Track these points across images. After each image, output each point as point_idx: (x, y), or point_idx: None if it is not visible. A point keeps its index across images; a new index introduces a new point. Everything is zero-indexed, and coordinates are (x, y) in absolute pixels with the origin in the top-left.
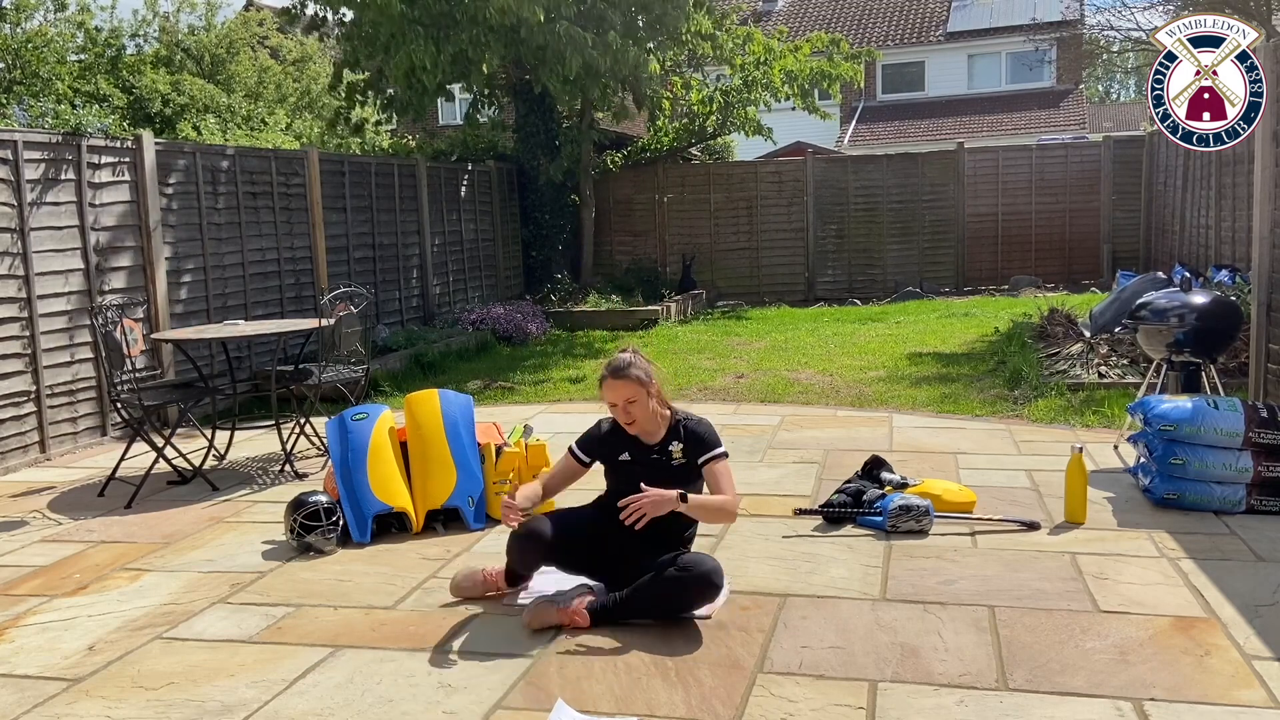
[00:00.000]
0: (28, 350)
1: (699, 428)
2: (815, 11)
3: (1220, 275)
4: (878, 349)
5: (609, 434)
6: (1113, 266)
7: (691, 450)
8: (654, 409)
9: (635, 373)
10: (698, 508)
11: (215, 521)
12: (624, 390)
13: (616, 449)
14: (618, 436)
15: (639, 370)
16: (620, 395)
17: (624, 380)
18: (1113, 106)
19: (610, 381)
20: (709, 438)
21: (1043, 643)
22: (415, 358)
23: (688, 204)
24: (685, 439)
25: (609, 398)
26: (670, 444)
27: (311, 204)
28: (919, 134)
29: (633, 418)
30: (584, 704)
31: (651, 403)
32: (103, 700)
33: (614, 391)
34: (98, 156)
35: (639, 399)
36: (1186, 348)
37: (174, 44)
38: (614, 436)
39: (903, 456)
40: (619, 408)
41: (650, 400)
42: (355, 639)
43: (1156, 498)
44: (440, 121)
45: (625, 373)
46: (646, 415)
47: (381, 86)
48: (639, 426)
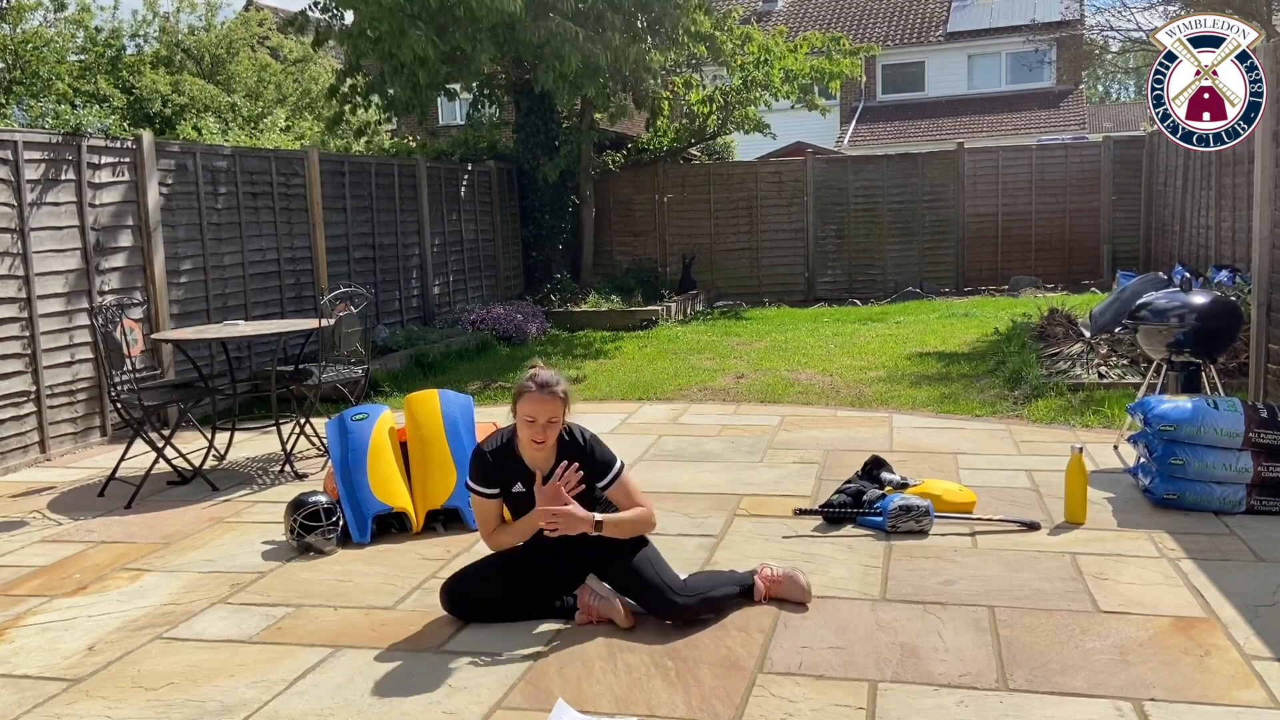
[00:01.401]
0: (28, 350)
1: (586, 446)
2: (815, 11)
3: (1220, 275)
4: (878, 349)
5: (496, 462)
6: (1113, 267)
7: (587, 474)
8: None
9: (562, 389)
10: (614, 527)
11: (215, 522)
12: (549, 408)
13: (508, 479)
14: (506, 465)
15: (565, 388)
16: (545, 412)
17: (550, 397)
18: (1113, 107)
19: (538, 396)
20: (601, 455)
21: (1043, 643)
22: (415, 358)
23: (688, 204)
24: (581, 460)
25: (530, 412)
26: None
27: (311, 204)
28: (919, 134)
29: (545, 438)
30: (584, 704)
31: (560, 429)
32: (103, 700)
33: (538, 406)
34: (98, 157)
35: (558, 420)
36: (1186, 348)
37: (174, 44)
38: (502, 465)
39: (903, 457)
40: (537, 424)
41: (561, 426)
42: (355, 639)
43: (1156, 498)
44: (441, 121)
45: (555, 390)
46: (555, 439)
47: (383, 88)
48: (542, 450)
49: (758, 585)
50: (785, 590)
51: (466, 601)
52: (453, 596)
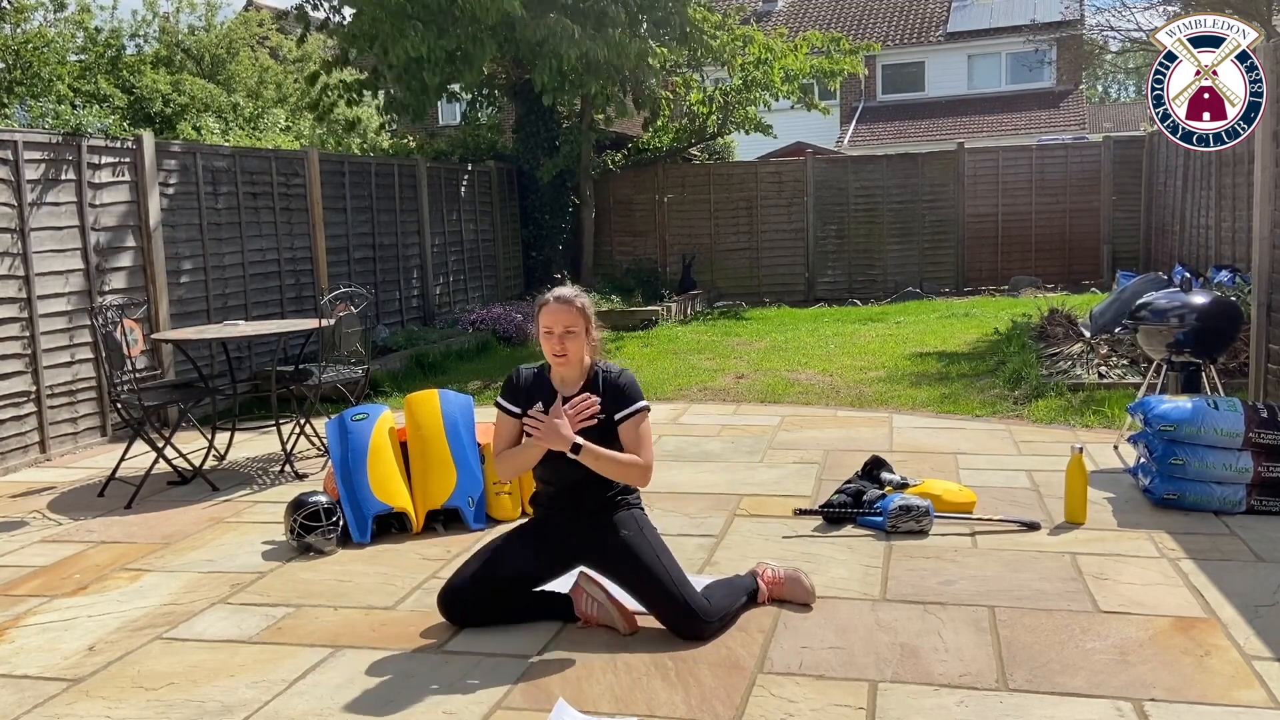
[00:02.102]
0: (28, 350)
1: (619, 379)
2: (815, 12)
3: (1220, 276)
4: (878, 349)
5: (527, 385)
6: (1113, 267)
7: (609, 404)
8: (585, 354)
9: (580, 302)
10: (595, 457)
11: (215, 522)
12: (565, 317)
13: (532, 398)
14: (536, 385)
15: (584, 302)
16: (561, 322)
17: (566, 307)
18: (1112, 107)
19: (552, 306)
20: (629, 390)
21: (1043, 643)
22: (415, 358)
23: (688, 204)
24: (603, 391)
25: (546, 322)
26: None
27: (312, 204)
28: (919, 134)
29: (565, 350)
30: (584, 704)
31: (585, 344)
32: (103, 701)
33: (553, 317)
34: (98, 157)
35: (577, 331)
36: (1186, 348)
37: (174, 44)
38: (532, 385)
39: (903, 457)
40: (554, 336)
41: (584, 341)
42: (355, 639)
43: (1156, 498)
44: (440, 122)
45: (571, 300)
46: (578, 354)
47: (379, 86)
48: (566, 364)
49: (761, 589)
50: (788, 591)
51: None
52: (450, 605)
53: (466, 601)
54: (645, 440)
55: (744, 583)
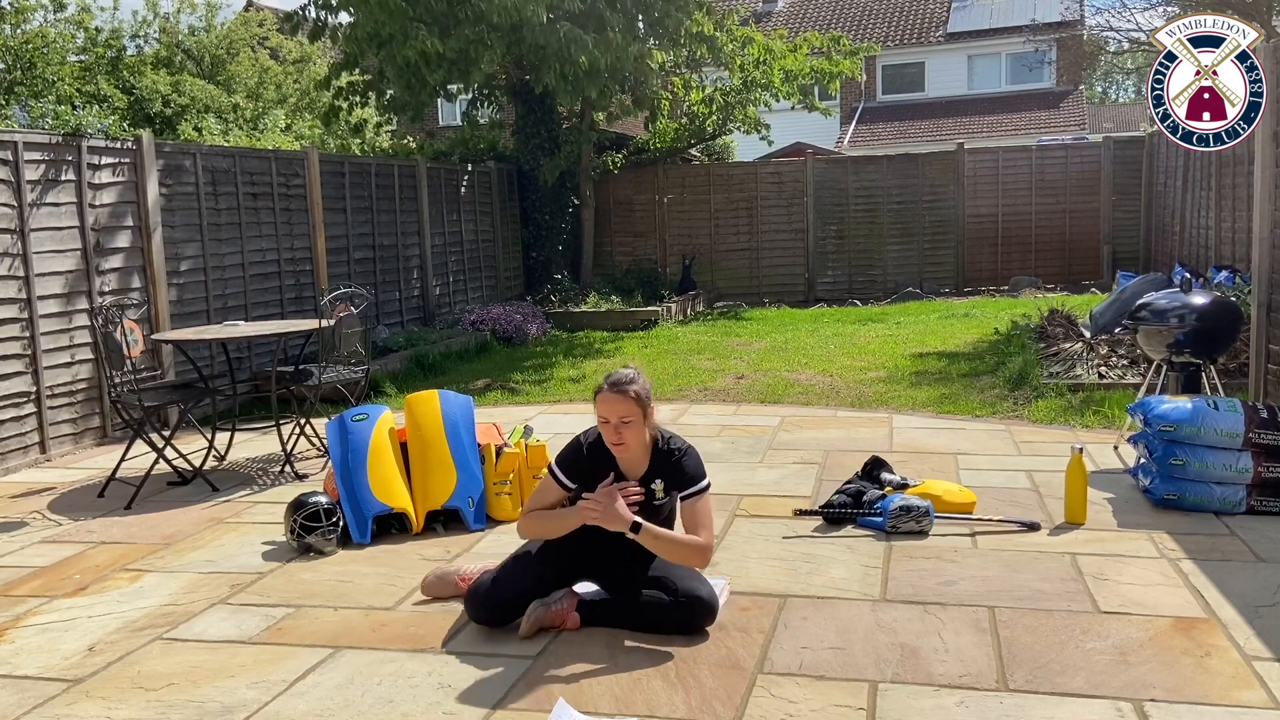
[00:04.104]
0: (28, 351)
1: (686, 461)
2: (815, 12)
3: (1220, 276)
4: (878, 349)
5: (590, 456)
6: (1113, 267)
7: (674, 483)
8: (646, 438)
9: (636, 390)
10: (656, 539)
11: (215, 522)
12: (621, 407)
13: (597, 476)
14: (599, 461)
15: (640, 389)
16: (616, 412)
17: (623, 397)
18: (1112, 107)
19: (608, 395)
20: (694, 472)
21: (1043, 643)
22: (415, 358)
23: (688, 204)
24: (669, 473)
25: (603, 412)
26: (654, 480)
27: (312, 205)
28: (919, 134)
29: (623, 439)
30: (584, 704)
31: (644, 430)
32: (103, 701)
33: (609, 407)
34: (98, 157)
35: (634, 420)
36: (1186, 348)
37: (174, 45)
38: (595, 461)
39: (903, 457)
40: (610, 425)
41: (644, 427)
42: (355, 640)
43: (1157, 498)
44: (440, 122)
45: (625, 389)
46: (638, 441)
47: (382, 87)
48: (626, 451)
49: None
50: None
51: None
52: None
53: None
54: (705, 519)
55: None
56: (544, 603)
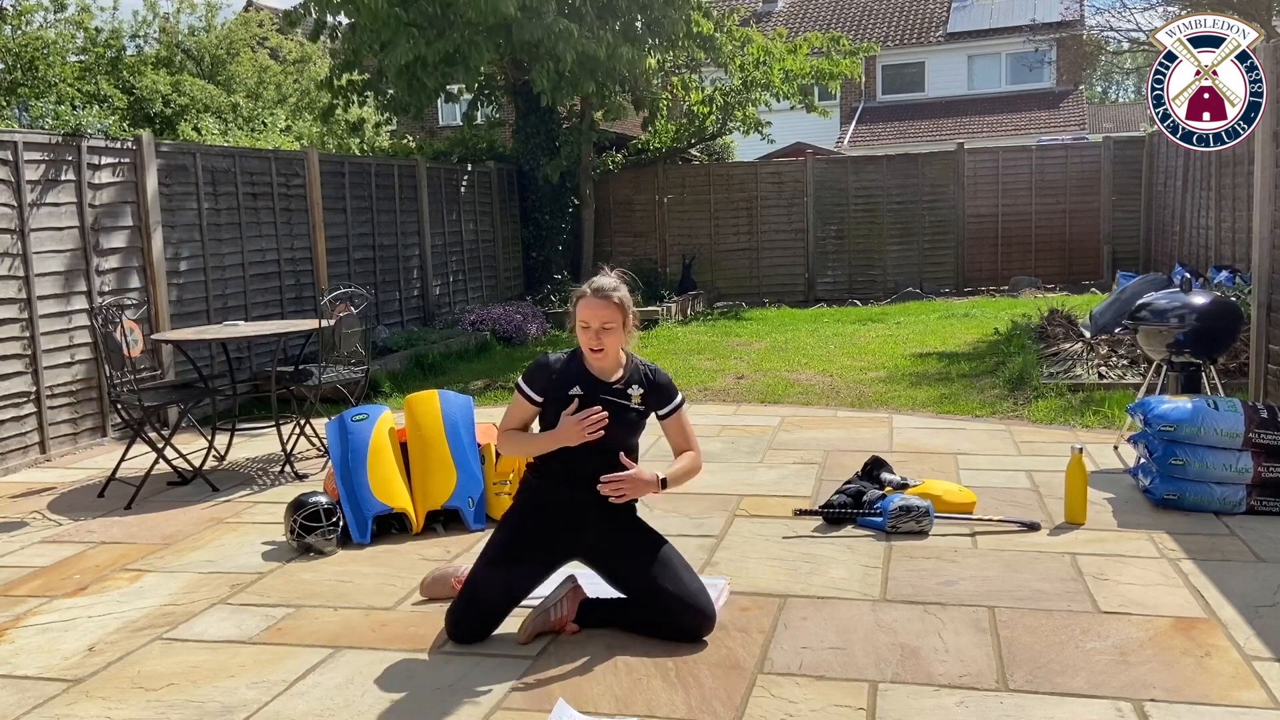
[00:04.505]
0: (28, 351)
1: (658, 376)
2: (815, 12)
3: (1220, 276)
4: (878, 349)
5: (559, 371)
6: (1113, 267)
7: (652, 399)
8: (621, 347)
9: (620, 296)
10: (675, 481)
11: (215, 522)
12: (604, 313)
13: (566, 383)
14: (570, 370)
15: (623, 295)
16: (599, 317)
17: (606, 302)
18: (1112, 107)
19: (591, 300)
20: (669, 387)
21: (1043, 643)
22: (415, 358)
23: (688, 204)
24: (646, 385)
25: (584, 317)
26: (630, 386)
27: (312, 205)
28: (919, 134)
29: (603, 345)
30: (584, 704)
31: (622, 338)
32: (103, 701)
33: (592, 311)
34: (98, 157)
35: (615, 327)
36: (1186, 348)
37: (174, 45)
38: (566, 370)
39: (903, 457)
40: (591, 330)
41: (622, 335)
42: (355, 640)
43: (1157, 498)
44: (440, 122)
45: (609, 295)
46: (615, 348)
47: (380, 87)
48: (603, 359)
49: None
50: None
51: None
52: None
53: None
54: (690, 431)
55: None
56: (543, 609)
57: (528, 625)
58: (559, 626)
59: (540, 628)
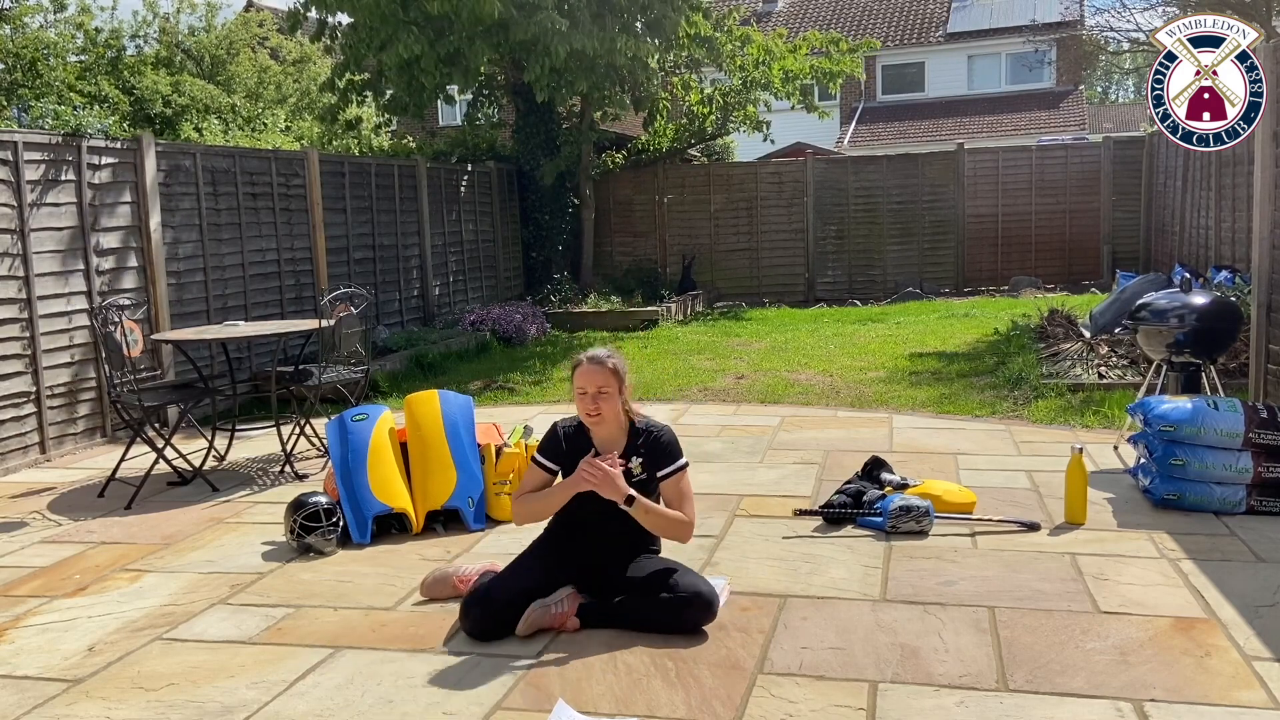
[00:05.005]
0: (28, 351)
1: (661, 437)
2: (815, 12)
3: (1220, 276)
4: (878, 350)
5: (569, 440)
6: (1113, 267)
7: (650, 464)
8: (620, 413)
9: (614, 363)
10: (646, 513)
11: (215, 522)
12: (598, 378)
13: (576, 457)
14: (578, 444)
15: (617, 362)
16: (594, 383)
17: (600, 368)
18: (1112, 107)
19: (586, 367)
20: (670, 449)
21: (1043, 643)
22: (415, 358)
23: (688, 205)
24: (645, 451)
25: (580, 383)
26: (631, 458)
27: (312, 205)
28: (919, 135)
29: (599, 410)
30: (584, 704)
31: (619, 404)
32: (103, 701)
33: (587, 377)
34: (98, 158)
35: (610, 392)
36: (1186, 348)
37: (174, 45)
38: (574, 443)
39: (903, 457)
40: (588, 396)
41: (619, 401)
42: (355, 640)
43: (1157, 498)
44: (440, 122)
45: (604, 361)
46: (613, 414)
47: (380, 87)
48: (601, 424)
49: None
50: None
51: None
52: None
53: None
54: (688, 496)
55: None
56: (544, 604)
57: (528, 619)
58: (559, 622)
59: (540, 622)
